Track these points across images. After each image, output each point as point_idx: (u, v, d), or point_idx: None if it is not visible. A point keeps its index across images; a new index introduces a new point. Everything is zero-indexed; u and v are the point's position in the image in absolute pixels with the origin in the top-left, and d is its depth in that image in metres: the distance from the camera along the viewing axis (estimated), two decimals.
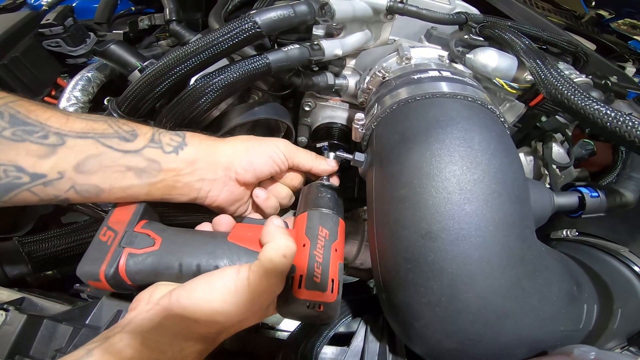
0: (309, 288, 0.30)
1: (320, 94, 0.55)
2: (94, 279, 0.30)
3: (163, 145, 0.34)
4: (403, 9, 0.43)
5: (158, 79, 0.39)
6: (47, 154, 0.28)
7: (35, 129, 0.28)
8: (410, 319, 0.30)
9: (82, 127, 0.31)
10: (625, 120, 0.27)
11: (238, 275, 0.28)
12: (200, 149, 0.35)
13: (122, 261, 0.31)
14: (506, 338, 0.28)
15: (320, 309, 0.30)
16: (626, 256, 0.40)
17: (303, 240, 0.33)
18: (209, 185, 0.36)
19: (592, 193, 0.38)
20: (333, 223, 0.35)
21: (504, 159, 0.30)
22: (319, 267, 0.31)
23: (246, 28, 0.38)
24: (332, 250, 0.33)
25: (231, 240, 0.33)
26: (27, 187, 0.28)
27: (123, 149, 0.32)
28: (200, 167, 0.35)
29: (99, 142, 0.31)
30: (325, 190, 0.38)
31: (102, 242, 0.32)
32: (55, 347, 0.35)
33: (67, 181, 0.30)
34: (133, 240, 0.32)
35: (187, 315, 0.27)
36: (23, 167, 0.28)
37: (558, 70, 0.34)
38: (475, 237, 0.27)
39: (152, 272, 0.31)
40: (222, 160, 0.36)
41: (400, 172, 0.31)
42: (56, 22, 0.58)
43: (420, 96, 0.34)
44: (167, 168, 0.33)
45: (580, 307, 0.33)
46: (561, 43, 0.49)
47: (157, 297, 0.30)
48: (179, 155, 0.34)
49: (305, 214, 0.35)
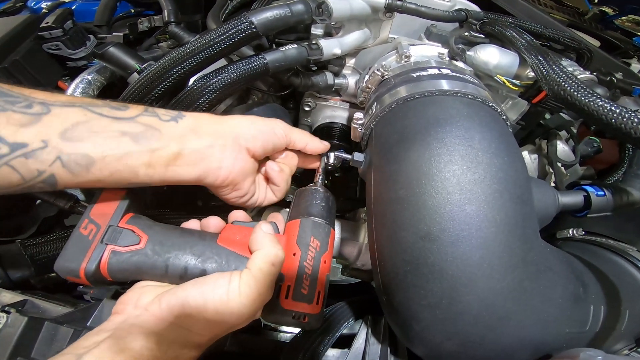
0: (296, 299, 0.31)
1: (320, 94, 0.54)
2: (74, 275, 0.29)
3: (159, 114, 0.31)
4: (402, 6, 0.43)
5: (156, 80, 0.39)
6: (30, 122, 0.25)
7: (18, 99, 0.26)
8: (410, 321, 0.29)
9: (68, 99, 0.28)
10: (631, 117, 0.27)
11: (230, 286, 0.28)
12: (201, 119, 0.33)
13: (104, 259, 0.29)
14: (508, 340, 0.28)
15: (305, 320, 0.31)
16: (634, 255, 0.39)
17: (294, 249, 0.33)
18: (219, 153, 0.32)
19: (598, 192, 0.37)
20: (325, 234, 0.34)
21: (505, 157, 0.29)
22: (307, 279, 0.31)
23: (242, 28, 0.37)
24: (321, 262, 0.33)
25: (220, 243, 0.32)
26: (5, 159, 0.25)
27: (115, 116, 0.29)
28: (206, 132, 0.32)
29: (88, 109, 0.28)
30: (319, 197, 0.37)
31: (83, 236, 0.30)
32: (56, 349, 0.35)
33: (52, 150, 0.26)
34: (117, 237, 0.30)
35: (181, 324, 0.27)
36: (2, 137, 0.24)
37: (560, 67, 0.33)
38: (476, 238, 0.27)
39: (135, 271, 0.30)
40: (228, 130, 0.34)
41: (399, 172, 0.30)
42: (56, 25, 0.59)
43: (419, 94, 0.34)
44: (169, 134, 0.30)
45: (586, 308, 0.32)
46: (564, 39, 0.48)
47: (145, 302, 0.29)
48: (179, 123, 0.31)
49: (297, 222, 0.35)
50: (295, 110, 0.58)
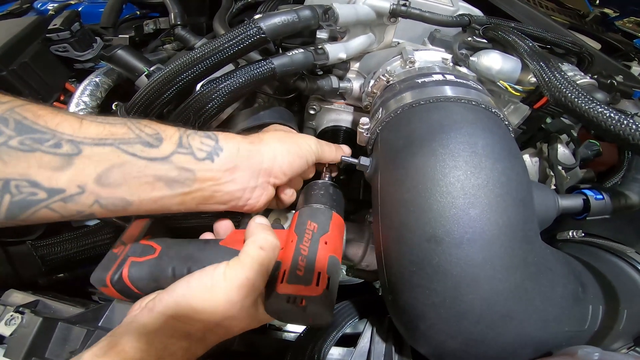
0: (291, 282, 0.29)
1: (325, 97, 0.55)
2: (102, 285, 0.33)
3: (194, 150, 0.30)
4: (406, 11, 0.44)
5: (165, 85, 0.40)
6: (62, 166, 0.25)
7: (45, 136, 0.25)
8: (415, 320, 0.30)
9: (98, 133, 0.27)
10: (629, 123, 0.27)
11: (215, 271, 0.29)
12: (239, 155, 0.32)
13: (125, 268, 0.33)
14: (510, 339, 0.29)
15: (302, 303, 0.28)
16: (632, 257, 0.40)
17: (291, 237, 0.33)
18: (249, 193, 0.34)
19: (597, 195, 0.38)
20: (324, 216, 0.34)
21: (507, 163, 0.30)
22: (303, 260, 0.30)
23: (251, 34, 0.38)
24: (320, 242, 0.32)
25: (223, 244, 0.34)
26: (44, 203, 0.25)
27: (148, 156, 0.28)
28: (242, 175, 0.32)
29: (120, 149, 0.27)
30: (320, 187, 0.38)
31: (114, 253, 0.34)
32: (69, 349, 0.36)
33: (90, 195, 0.26)
34: (137, 251, 0.34)
35: (167, 313, 0.28)
36: (38, 182, 0.24)
37: (562, 73, 0.34)
38: (479, 240, 0.27)
39: (151, 277, 0.33)
40: (264, 166, 0.34)
41: (405, 176, 0.31)
42: (63, 27, 0.59)
43: (424, 100, 0.34)
44: (203, 177, 0.30)
45: (585, 307, 0.33)
46: (565, 44, 0.49)
47: (146, 301, 0.31)
48: (215, 163, 0.31)
49: (296, 213, 0.36)
50: (300, 113, 0.58)
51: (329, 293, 0.30)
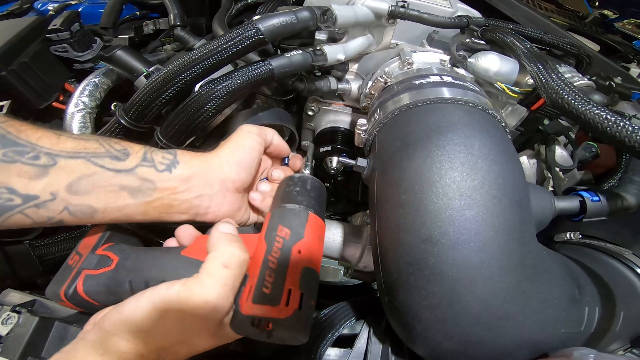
0: (257, 302, 0.25)
1: (323, 98, 0.55)
2: (58, 299, 0.31)
3: (155, 163, 0.33)
4: (405, 13, 0.44)
5: (164, 85, 0.40)
6: (38, 175, 0.28)
7: (26, 149, 0.28)
8: (411, 321, 0.30)
9: (73, 147, 0.30)
10: (625, 125, 0.28)
11: (167, 291, 0.26)
12: (192, 165, 0.35)
13: (79, 282, 0.31)
14: (506, 340, 0.29)
15: (269, 327, 0.25)
16: (629, 258, 0.40)
17: (261, 245, 0.29)
18: (207, 201, 0.35)
19: (593, 197, 0.38)
20: (298, 220, 0.30)
21: (504, 164, 0.30)
22: (271, 275, 0.26)
23: (249, 35, 0.38)
24: (292, 252, 0.28)
25: (184, 254, 0.31)
26: (19, 209, 0.27)
27: (115, 168, 0.31)
28: (196, 184, 0.34)
29: (91, 161, 0.30)
30: (295, 182, 0.34)
31: (69, 265, 0.33)
32: None
33: (60, 202, 0.29)
34: (92, 262, 0.32)
35: (114, 332, 0.27)
36: (15, 189, 0.27)
37: (559, 75, 0.34)
38: (476, 242, 0.27)
39: (108, 291, 0.31)
40: (216, 173, 0.36)
41: (402, 178, 0.31)
42: (63, 28, 0.59)
43: (421, 102, 0.35)
44: (163, 187, 0.33)
45: (581, 309, 0.33)
46: (563, 45, 0.49)
47: (99, 317, 0.29)
48: (172, 174, 0.33)
49: (268, 215, 0.31)
50: (299, 114, 0.59)
51: (302, 313, 0.26)
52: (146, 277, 0.30)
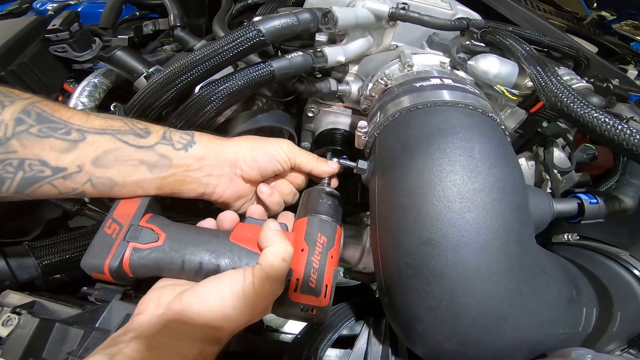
0: (305, 292, 0.32)
1: (323, 100, 0.55)
2: (98, 272, 0.31)
3: (174, 142, 0.36)
4: (405, 15, 0.44)
5: (164, 86, 0.40)
6: (69, 149, 0.31)
7: (59, 125, 0.31)
8: (411, 322, 0.31)
9: (101, 124, 0.33)
10: (623, 128, 0.28)
11: (245, 281, 0.29)
12: (208, 147, 0.37)
13: (126, 255, 0.31)
14: (505, 340, 0.29)
15: (313, 312, 0.32)
16: (626, 260, 0.40)
17: (302, 245, 0.34)
18: (216, 181, 0.38)
19: (591, 199, 0.39)
20: (331, 230, 0.36)
21: (503, 167, 0.30)
22: (315, 273, 0.33)
23: (250, 36, 0.38)
24: (328, 257, 0.34)
25: (233, 240, 0.34)
26: (48, 180, 0.30)
27: (137, 144, 0.34)
28: (208, 164, 0.37)
29: (116, 137, 0.33)
30: (326, 196, 0.39)
31: (107, 234, 0.32)
32: (67, 350, 0.36)
33: (85, 174, 0.31)
34: (138, 235, 0.32)
35: (202, 320, 0.29)
36: (46, 161, 0.30)
37: (558, 77, 0.34)
38: (475, 244, 0.28)
39: (154, 267, 0.32)
40: (229, 158, 0.38)
41: (402, 180, 0.31)
42: (63, 28, 0.59)
43: (422, 104, 0.35)
44: (177, 164, 0.35)
45: (579, 310, 0.33)
46: (562, 47, 0.49)
47: (166, 300, 0.30)
48: (188, 152, 0.36)
49: (305, 219, 0.37)
50: (299, 116, 0.59)
51: (331, 302, 0.33)
52: (200, 259, 0.32)
